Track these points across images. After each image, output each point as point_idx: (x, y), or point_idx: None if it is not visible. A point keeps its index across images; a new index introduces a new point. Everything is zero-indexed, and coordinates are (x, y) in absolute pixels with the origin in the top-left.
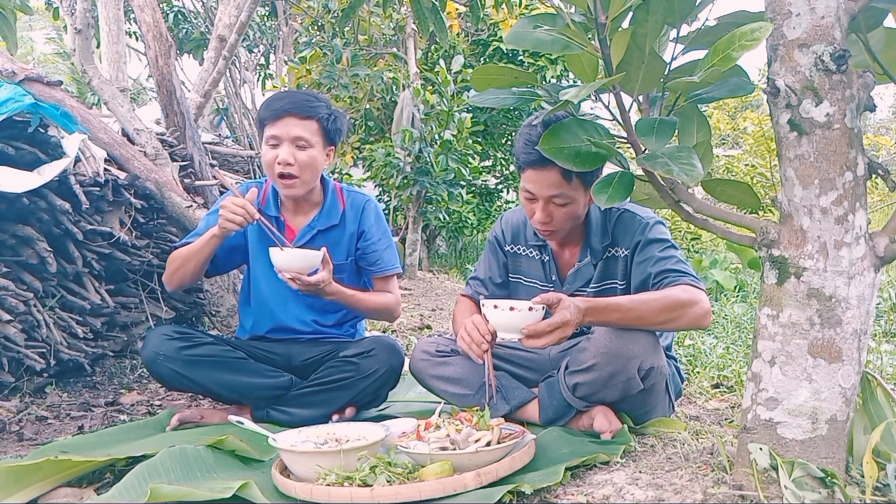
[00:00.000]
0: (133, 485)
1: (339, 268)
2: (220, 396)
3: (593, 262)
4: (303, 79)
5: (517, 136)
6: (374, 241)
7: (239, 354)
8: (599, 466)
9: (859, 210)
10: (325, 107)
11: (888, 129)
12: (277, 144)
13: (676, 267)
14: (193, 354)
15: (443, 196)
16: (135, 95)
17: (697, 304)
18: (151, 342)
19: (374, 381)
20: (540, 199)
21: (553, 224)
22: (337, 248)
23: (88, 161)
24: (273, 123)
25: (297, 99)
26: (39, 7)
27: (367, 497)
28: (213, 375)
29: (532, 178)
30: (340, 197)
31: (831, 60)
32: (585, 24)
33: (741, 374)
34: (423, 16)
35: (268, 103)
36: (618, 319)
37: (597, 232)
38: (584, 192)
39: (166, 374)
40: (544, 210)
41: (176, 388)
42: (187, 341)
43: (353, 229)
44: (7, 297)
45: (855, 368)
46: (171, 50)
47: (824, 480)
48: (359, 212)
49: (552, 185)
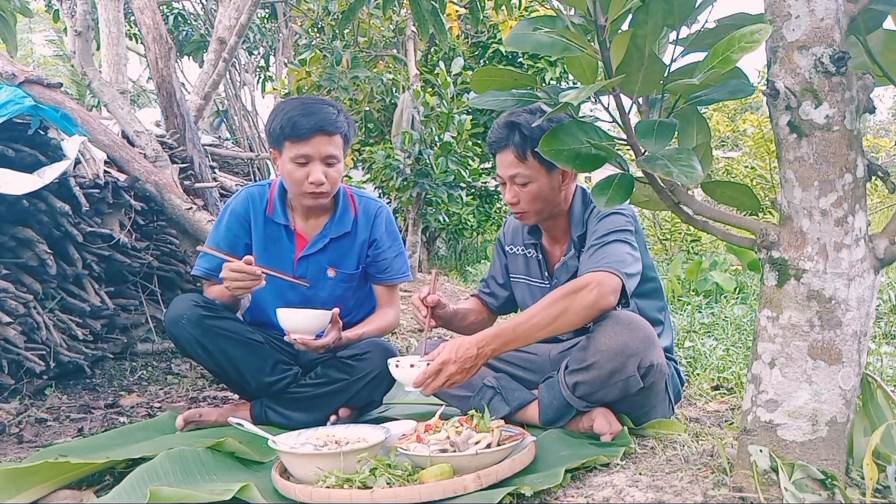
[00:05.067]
0: (133, 487)
1: (348, 277)
2: (226, 375)
3: (576, 254)
4: (303, 81)
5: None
6: (384, 249)
7: (257, 337)
8: (599, 468)
9: (859, 212)
10: (343, 117)
11: (888, 131)
12: (307, 163)
13: (596, 256)
14: (215, 325)
15: (442, 198)
16: (135, 97)
17: (590, 285)
18: (178, 305)
19: (366, 383)
20: (506, 180)
21: (522, 205)
22: (348, 257)
23: (88, 163)
24: (303, 142)
25: (323, 116)
26: (40, 9)
27: (366, 499)
28: (228, 349)
29: (497, 162)
30: (352, 202)
31: (831, 62)
32: (585, 27)
33: (741, 375)
34: (423, 18)
35: (293, 120)
36: (517, 337)
37: (576, 224)
38: (545, 172)
39: (185, 338)
40: (510, 190)
41: (188, 355)
42: (212, 311)
43: (364, 237)
44: (7, 299)
45: (855, 370)
46: (171, 52)
47: (824, 482)
48: (371, 219)
49: (510, 165)
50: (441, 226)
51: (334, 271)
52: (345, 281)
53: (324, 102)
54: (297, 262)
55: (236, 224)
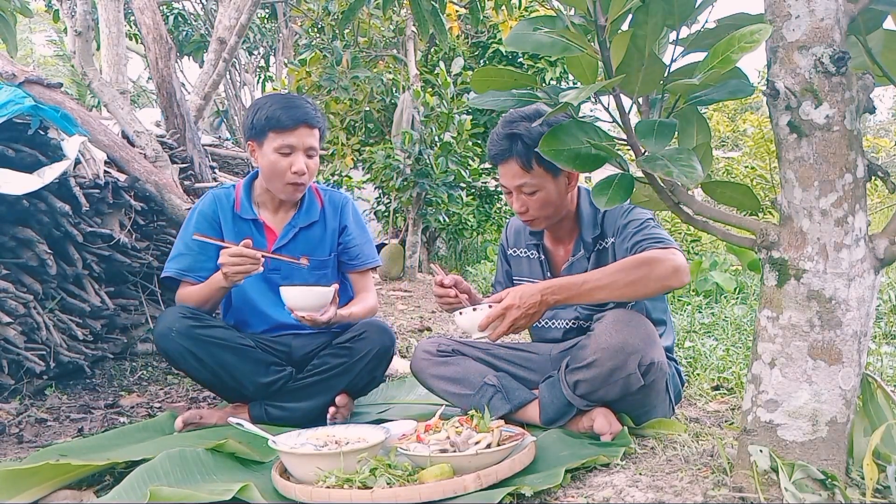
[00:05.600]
0: (132, 487)
1: (322, 263)
2: (221, 383)
3: (586, 255)
4: (303, 81)
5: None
6: (354, 235)
7: (247, 342)
8: (599, 468)
9: (859, 212)
10: (321, 115)
11: (888, 131)
12: (290, 153)
13: (650, 234)
14: (205, 334)
15: (442, 198)
16: (135, 97)
17: (667, 261)
18: (166, 318)
19: (367, 362)
20: (512, 190)
21: (531, 213)
22: (320, 245)
23: (88, 163)
24: (288, 132)
25: (305, 110)
26: (40, 9)
27: (366, 499)
28: (220, 358)
29: (501, 173)
30: (317, 195)
31: (831, 62)
32: (585, 27)
33: (741, 376)
34: (423, 18)
35: (277, 112)
36: (583, 291)
37: (588, 226)
38: (551, 178)
39: (176, 350)
40: (518, 200)
41: (181, 368)
42: (200, 321)
43: (334, 225)
44: (7, 299)
45: (855, 370)
46: (171, 52)
47: (824, 482)
48: (338, 209)
49: (515, 176)
50: (441, 226)
51: (307, 260)
52: (318, 268)
53: (302, 99)
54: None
55: (206, 224)
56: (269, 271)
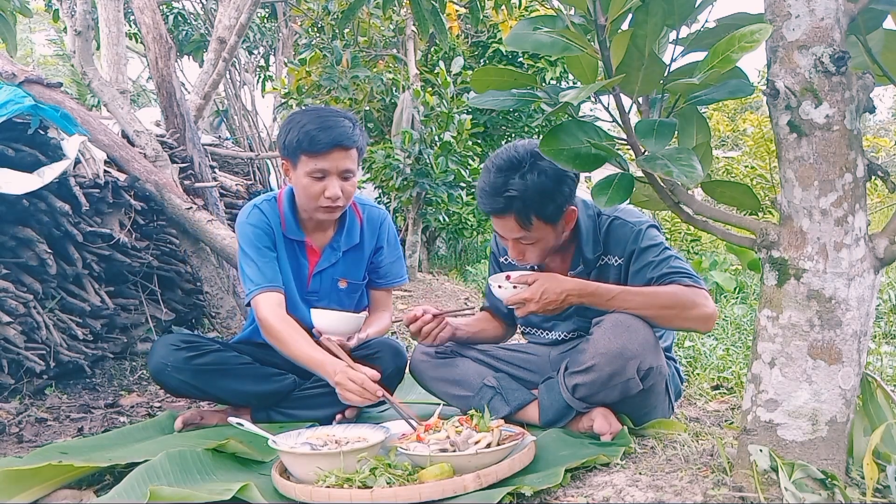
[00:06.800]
0: (132, 487)
1: (356, 287)
2: (227, 402)
3: (586, 270)
4: (303, 81)
5: (479, 178)
6: (386, 255)
7: (245, 360)
8: (599, 468)
9: (859, 211)
10: (359, 130)
11: (888, 131)
12: (323, 177)
13: (677, 268)
14: (201, 364)
15: (442, 198)
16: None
17: (701, 307)
18: (158, 353)
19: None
20: (508, 240)
21: (528, 259)
22: (357, 268)
23: (88, 163)
24: (319, 157)
25: (340, 130)
26: (39, 9)
27: (366, 499)
28: (220, 384)
29: (496, 224)
30: (357, 211)
31: (831, 62)
32: (585, 26)
33: (741, 375)
34: (423, 17)
35: (310, 134)
36: (606, 304)
37: (588, 241)
38: (551, 228)
39: (174, 383)
40: (515, 248)
41: (183, 396)
42: (194, 350)
43: (371, 245)
44: (7, 298)
45: (855, 370)
46: (171, 52)
47: (824, 482)
48: (376, 228)
49: (513, 231)
50: (441, 226)
51: (346, 283)
52: (353, 291)
53: (340, 115)
54: (310, 278)
55: (267, 240)
56: (307, 294)
